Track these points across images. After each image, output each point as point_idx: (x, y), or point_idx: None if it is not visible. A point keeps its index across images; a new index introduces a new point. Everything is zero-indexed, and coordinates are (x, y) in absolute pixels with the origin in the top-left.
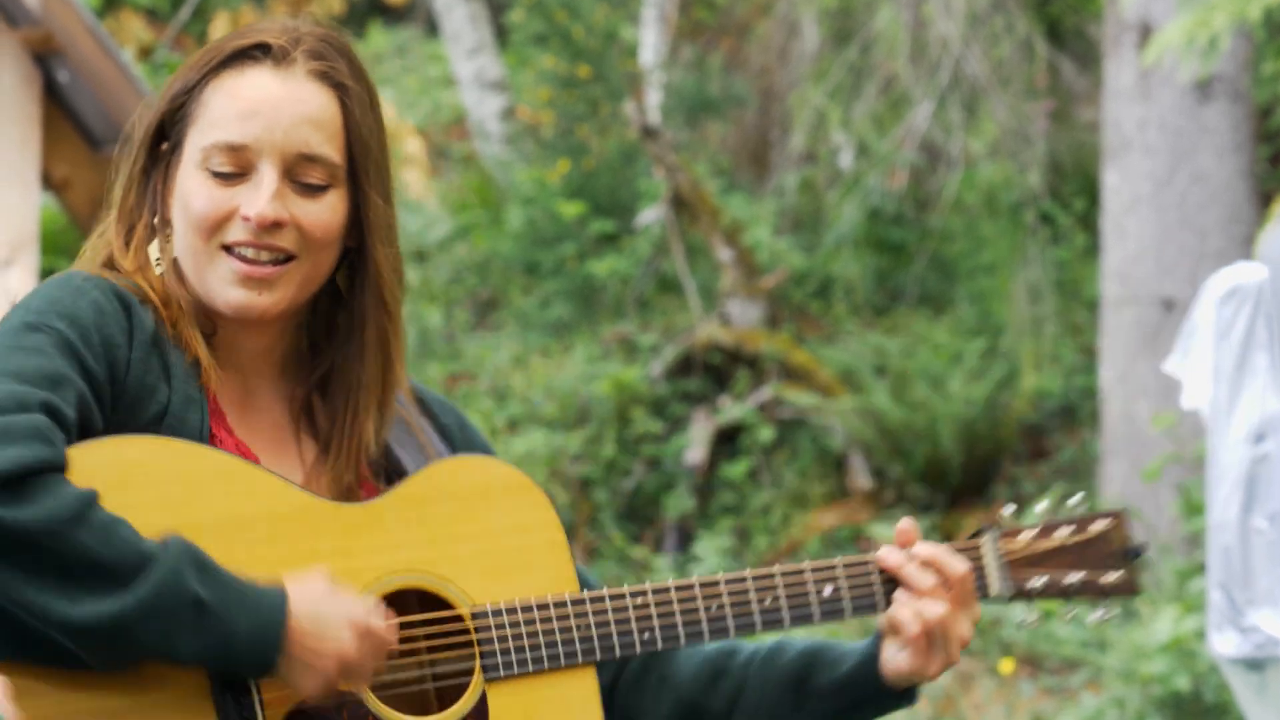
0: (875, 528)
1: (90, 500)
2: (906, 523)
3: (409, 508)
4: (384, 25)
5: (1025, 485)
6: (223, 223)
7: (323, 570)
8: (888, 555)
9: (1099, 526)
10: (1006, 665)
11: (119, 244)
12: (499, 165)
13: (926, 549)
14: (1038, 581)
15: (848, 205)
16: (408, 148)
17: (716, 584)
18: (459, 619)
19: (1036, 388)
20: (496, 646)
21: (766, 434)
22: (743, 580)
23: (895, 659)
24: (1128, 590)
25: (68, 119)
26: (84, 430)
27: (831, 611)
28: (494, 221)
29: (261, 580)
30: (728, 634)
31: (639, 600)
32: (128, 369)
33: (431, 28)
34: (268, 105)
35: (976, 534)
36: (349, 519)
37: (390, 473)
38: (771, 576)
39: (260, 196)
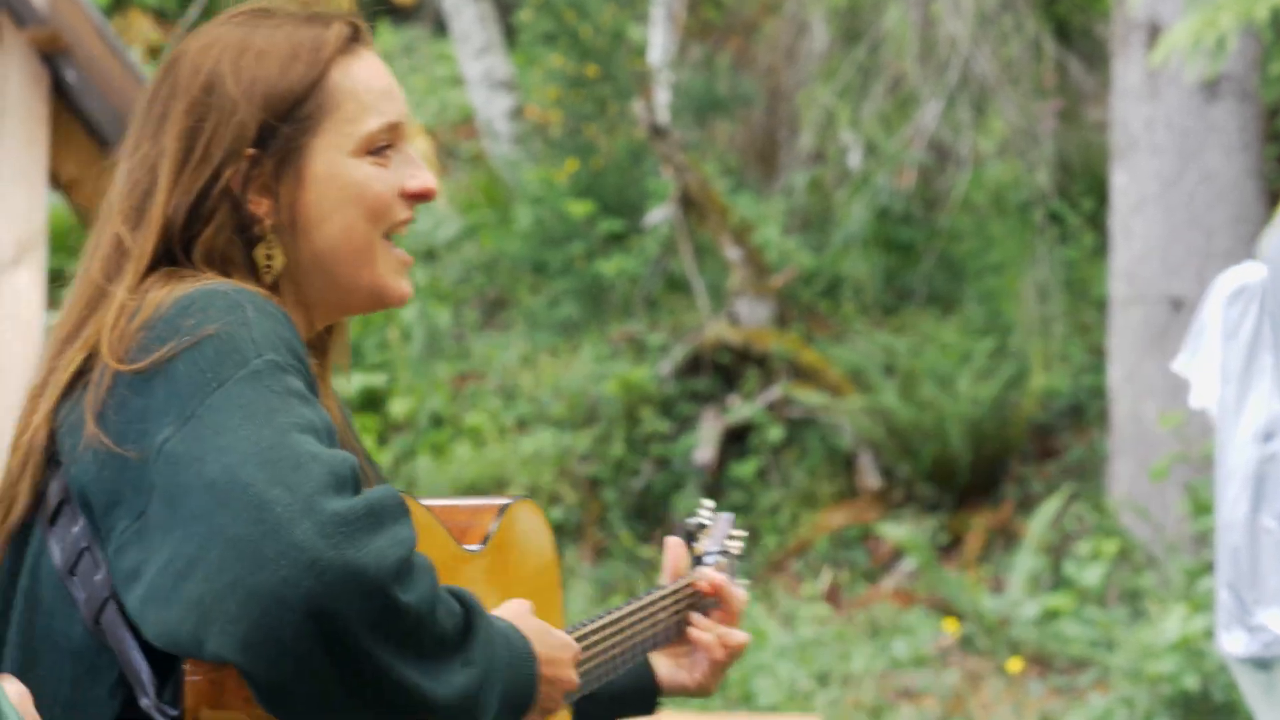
0: (884, 527)
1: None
2: (674, 547)
3: (497, 556)
4: (392, 25)
5: (1033, 484)
6: (392, 206)
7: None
8: (710, 577)
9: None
10: (1014, 664)
11: (203, 261)
12: (507, 165)
13: (719, 577)
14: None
15: (856, 204)
16: (415, 146)
17: (621, 620)
18: None
19: (1045, 387)
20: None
21: (775, 433)
22: (627, 618)
23: (678, 676)
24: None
25: (75, 118)
26: None
27: (663, 639)
28: (502, 221)
29: (502, 621)
30: (615, 672)
31: (595, 639)
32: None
33: (439, 27)
34: (392, 82)
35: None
36: (476, 569)
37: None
38: (654, 603)
39: (425, 171)
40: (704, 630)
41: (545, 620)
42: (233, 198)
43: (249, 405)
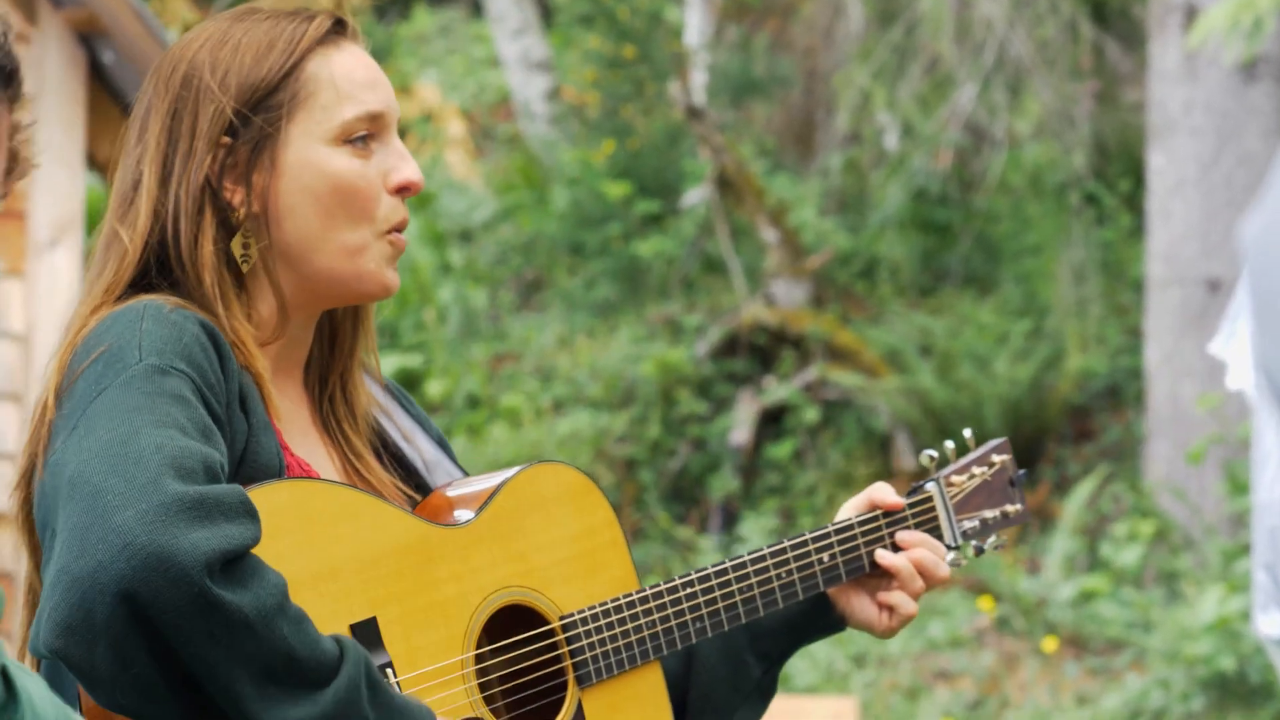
0: None
1: (285, 587)
2: (878, 490)
3: (501, 523)
4: (429, 6)
5: (1070, 466)
6: (377, 202)
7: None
8: (883, 556)
9: (1000, 457)
10: (1050, 645)
11: (188, 253)
12: (544, 146)
13: (920, 554)
14: (970, 524)
15: (893, 186)
16: (452, 129)
17: (744, 565)
18: (552, 632)
19: (1081, 368)
20: (587, 654)
21: (811, 414)
22: (764, 559)
23: (864, 610)
24: (1025, 516)
25: (113, 100)
26: None
27: (831, 579)
28: (539, 202)
29: (413, 703)
30: (758, 613)
31: (689, 590)
32: (227, 406)
33: (476, 9)
34: (379, 74)
35: (918, 487)
36: (457, 542)
37: (384, 450)
38: (784, 551)
39: (409, 163)
40: (886, 594)
41: (608, 576)
42: (210, 187)
43: (116, 407)
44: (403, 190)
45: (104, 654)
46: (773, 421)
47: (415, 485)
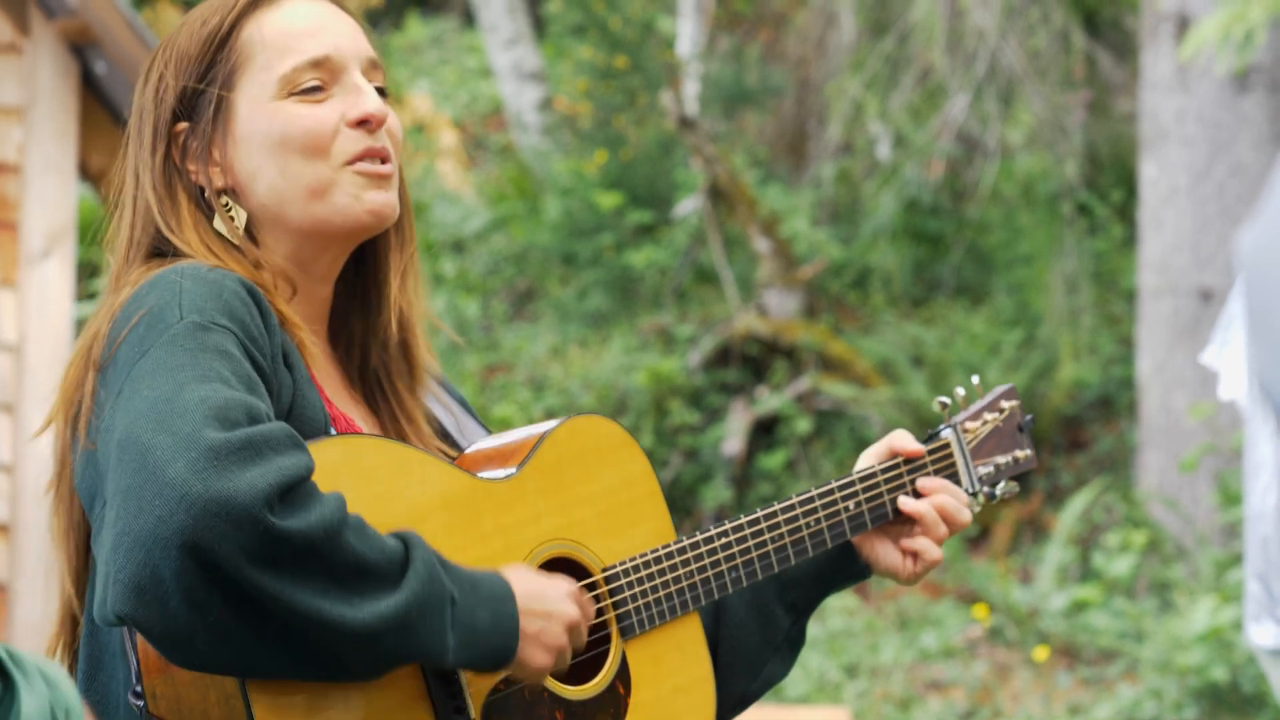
0: None
1: (344, 501)
2: (900, 438)
3: (544, 476)
4: (421, 16)
5: (1062, 476)
6: (333, 138)
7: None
8: (907, 503)
9: (1008, 403)
10: (1043, 655)
11: (175, 236)
12: (536, 156)
13: (942, 499)
14: (984, 470)
15: (885, 196)
16: (444, 139)
17: (775, 514)
18: (594, 585)
19: (1074, 378)
20: (630, 606)
21: (804, 425)
22: (793, 508)
23: (888, 557)
24: (1034, 462)
25: (105, 110)
26: None
27: (857, 526)
28: (531, 212)
29: (485, 573)
30: (789, 561)
31: (724, 540)
32: (272, 360)
33: (469, 19)
34: (329, 20)
35: (934, 434)
36: (502, 495)
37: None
38: (812, 500)
39: (366, 97)
40: (911, 540)
41: (646, 528)
42: (177, 171)
43: (160, 366)
44: (363, 124)
45: (179, 609)
46: (765, 432)
47: (453, 446)
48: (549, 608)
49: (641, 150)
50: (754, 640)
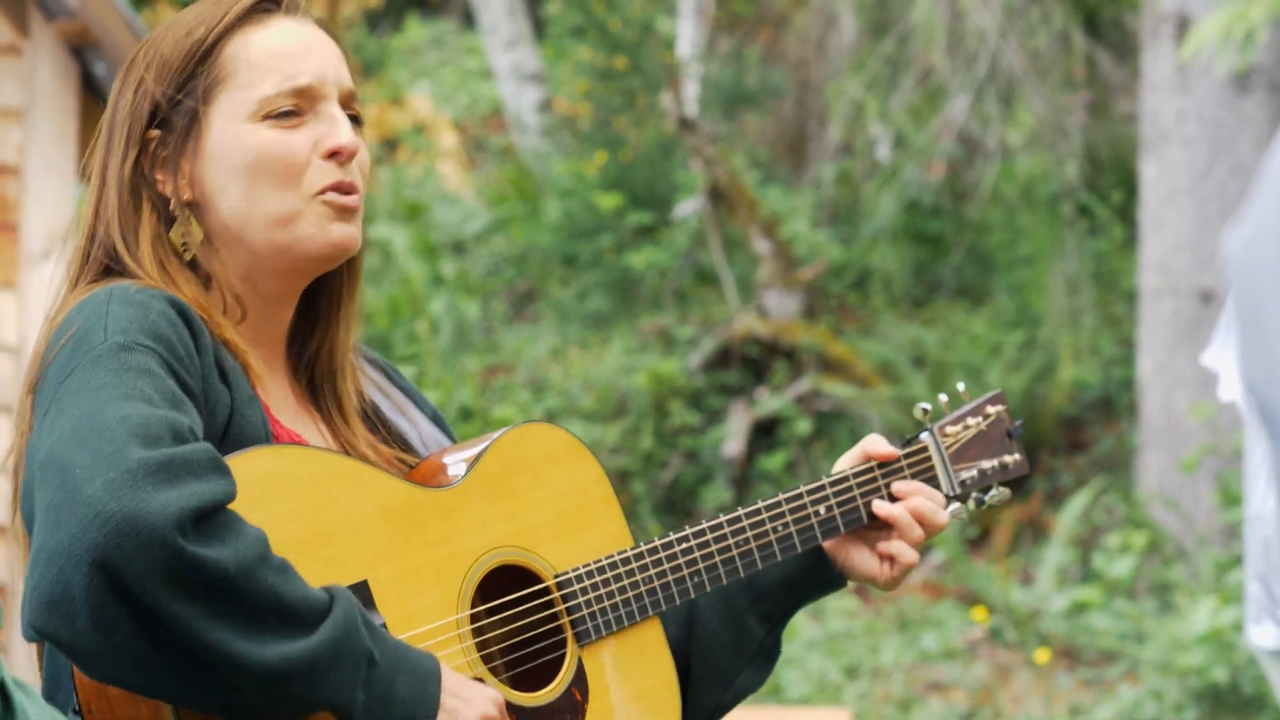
0: None
1: (265, 539)
2: (873, 443)
3: (490, 483)
4: (421, 18)
5: (1063, 477)
6: (305, 168)
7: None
8: (880, 506)
9: (995, 409)
10: (1043, 657)
11: (127, 250)
12: (536, 157)
13: (917, 503)
14: (967, 474)
15: (885, 197)
16: (444, 140)
17: (740, 519)
18: (546, 590)
19: (1074, 379)
20: (584, 612)
21: (804, 426)
22: (759, 513)
23: (865, 563)
24: (1024, 468)
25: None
26: None
27: (829, 531)
28: (531, 214)
29: (411, 647)
30: (755, 566)
31: (684, 545)
32: (204, 379)
33: (468, 20)
34: (314, 45)
35: (912, 438)
36: (445, 504)
37: (381, 425)
38: (779, 504)
39: (340, 129)
40: (886, 544)
41: (600, 533)
42: (144, 179)
43: (84, 386)
44: (334, 155)
45: (86, 625)
46: (765, 433)
47: (415, 457)
48: (470, 696)
49: (641, 151)
50: (726, 651)
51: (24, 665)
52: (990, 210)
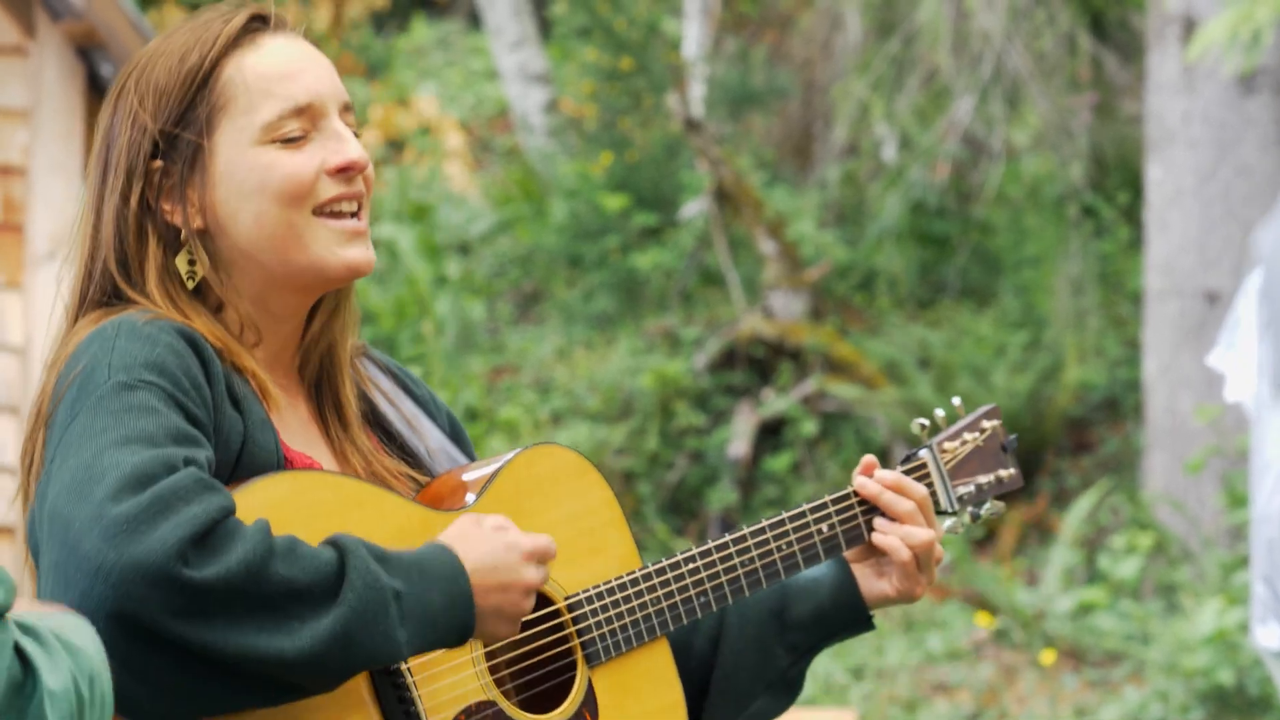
0: None
1: (268, 529)
2: (869, 458)
3: (502, 506)
4: (427, 19)
5: (1068, 478)
6: (313, 186)
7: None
8: (865, 484)
9: (990, 423)
10: (1049, 658)
11: (129, 283)
12: (542, 158)
13: (889, 474)
14: (964, 489)
15: (891, 198)
16: (450, 141)
17: (745, 539)
18: (558, 613)
19: (1080, 380)
20: (595, 634)
21: (810, 427)
22: (763, 531)
23: (878, 586)
24: (1018, 481)
25: None
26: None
27: (831, 548)
28: (537, 215)
29: (424, 546)
30: (761, 585)
31: (691, 566)
32: (215, 408)
33: (474, 21)
34: (308, 63)
35: (911, 455)
36: None
37: (389, 438)
38: (783, 523)
39: (348, 145)
40: (886, 533)
41: (610, 555)
42: (150, 210)
43: (85, 432)
44: (344, 171)
45: (121, 679)
46: (771, 434)
47: (423, 472)
48: (504, 579)
49: (647, 152)
50: (747, 675)
51: None
52: (995, 211)
